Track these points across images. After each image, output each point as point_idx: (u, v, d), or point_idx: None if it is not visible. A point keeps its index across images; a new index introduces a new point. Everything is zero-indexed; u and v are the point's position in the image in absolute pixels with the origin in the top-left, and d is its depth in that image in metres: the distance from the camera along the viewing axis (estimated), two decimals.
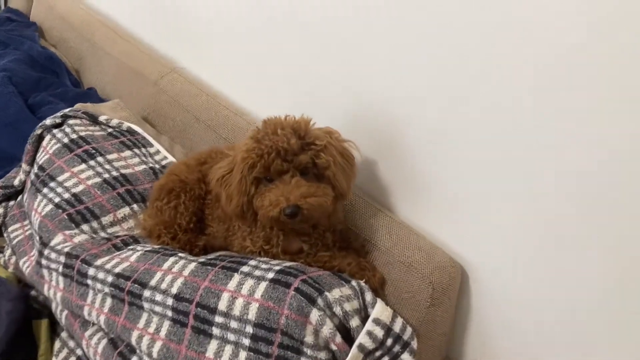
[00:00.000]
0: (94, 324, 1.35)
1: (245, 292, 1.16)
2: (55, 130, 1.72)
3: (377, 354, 1.16)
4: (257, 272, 1.19)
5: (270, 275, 1.18)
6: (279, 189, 1.17)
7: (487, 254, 1.27)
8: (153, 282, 1.25)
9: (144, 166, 1.70)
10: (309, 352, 1.11)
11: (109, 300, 1.31)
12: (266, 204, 1.18)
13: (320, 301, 1.13)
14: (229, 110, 1.79)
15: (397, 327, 1.19)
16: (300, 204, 1.15)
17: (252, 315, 1.13)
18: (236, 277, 1.19)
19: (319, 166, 1.21)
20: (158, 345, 1.20)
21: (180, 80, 1.98)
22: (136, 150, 1.74)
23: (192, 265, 1.26)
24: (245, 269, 1.21)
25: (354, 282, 1.22)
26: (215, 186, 1.33)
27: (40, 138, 1.75)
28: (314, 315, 1.11)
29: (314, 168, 1.22)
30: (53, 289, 1.41)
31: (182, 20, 2.04)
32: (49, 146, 1.68)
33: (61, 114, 1.77)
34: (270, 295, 1.14)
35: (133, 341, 1.23)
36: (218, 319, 1.16)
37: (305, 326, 1.11)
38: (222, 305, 1.16)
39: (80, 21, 2.48)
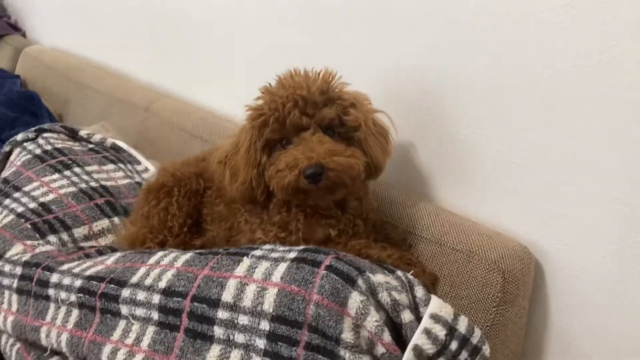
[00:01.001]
0: (53, 354, 1.02)
1: (259, 277, 0.86)
2: (26, 144, 1.47)
3: None
4: (274, 254, 0.90)
5: (292, 254, 0.88)
6: (298, 149, 0.92)
7: (570, 246, 0.99)
8: (135, 279, 0.95)
9: (128, 180, 1.43)
10: (347, 356, 0.78)
11: (74, 313, 0.99)
12: (282, 167, 0.91)
13: (361, 282, 0.83)
14: (227, 121, 1.56)
15: (462, 326, 0.87)
16: (325, 162, 0.89)
17: (268, 304, 0.82)
18: (246, 261, 0.89)
19: (347, 125, 0.97)
20: (137, 359, 0.87)
21: (172, 103, 1.79)
22: (121, 165, 1.49)
23: (187, 256, 0.96)
24: (257, 252, 0.92)
25: (399, 273, 0.92)
26: (217, 169, 1.06)
27: (9, 155, 1.49)
28: (354, 300, 0.81)
29: (341, 127, 0.97)
30: (3, 313, 1.09)
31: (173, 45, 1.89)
32: (17, 159, 1.43)
33: (35, 128, 1.53)
34: (293, 276, 0.83)
35: (103, 358, 0.90)
36: (222, 314, 0.85)
37: (342, 318, 0.80)
38: (227, 296, 0.85)
39: (65, 66, 2.32)
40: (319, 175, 0.89)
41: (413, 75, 1.14)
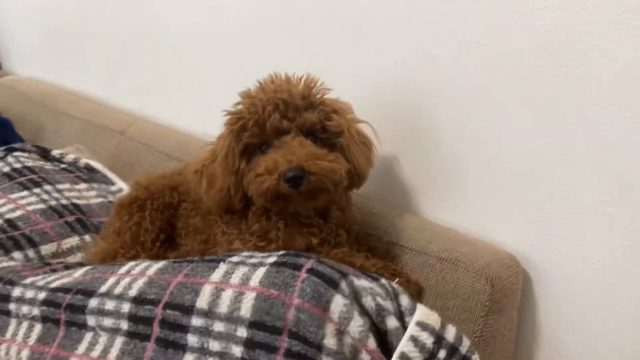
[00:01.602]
0: None
1: (236, 282, 0.81)
2: None
3: None
4: (253, 260, 0.85)
5: (272, 259, 0.83)
6: (278, 152, 0.88)
7: (559, 253, 0.96)
8: (103, 289, 0.89)
9: (101, 199, 1.38)
10: None
11: (37, 328, 0.93)
12: (261, 171, 0.88)
13: (344, 286, 0.78)
14: (204, 142, 1.52)
15: (450, 335, 0.82)
16: (306, 165, 0.85)
17: (245, 310, 0.77)
18: (222, 267, 0.84)
19: (330, 131, 0.94)
20: None
21: (149, 126, 1.75)
22: (94, 185, 1.44)
23: (160, 264, 0.91)
24: (235, 258, 0.87)
25: (384, 281, 0.88)
26: (193, 178, 1.03)
27: None
28: (337, 304, 0.76)
29: (323, 133, 0.94)
30: None
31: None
32: None
33: (5, 147, 1.48)
34: (273, 280, 0.79)
35: None
36: (196, 322, 0.79)
37: (324, 323, 0.75)
38: (201, 302, 0.80)
39: (41, 94, 2.27)
40: (300, 179, 0.85)
41: (395, 86, 1.13)
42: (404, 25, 1.09)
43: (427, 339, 0.79)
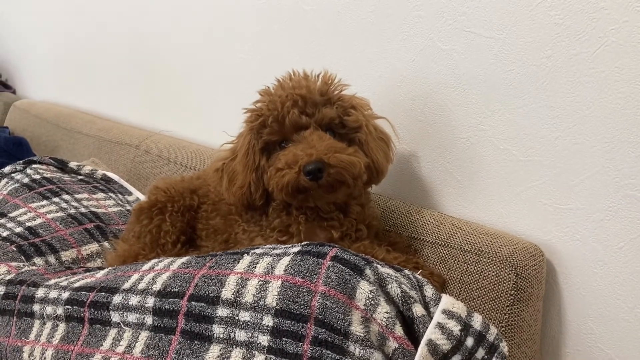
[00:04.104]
0: None
1: (260, 271, 0.81)
2: (14, 174, 1.42)
3: (455, 359, 0.78)
4: (276, 251, 0.85)
5: (296, 249, 0.83)
6: (298, 146, 0.89)
7: (582, 242, 0.95)
8: (127, 285, 0.89)
9: (119, 208, 1.39)
10: (357, 351, 0.73)
11: (61, 327, 0.92)
12: (281, 165, 0.88)
13: (369, 272, 0.78)
14: (222, 152, 1.53)
15: (476, 323, 0.81)
16: (326, 157, 0.86)
17: (271, 298, 0.77)
18: (247, 258, 0.84)
19: (348, 126, 0.95)
20: None
21: (164, 139, 1.76)
22: (111, 195, 1.44)
23: (184, 259, 0.91)
24: (258, 250, 0.87)
25: (407, 272, 0.88)
26: (214, 176, 1.03)
27: None
28: (363, 291, 0.76)
29: (342, 128, 0.95)
30: None
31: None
32: (4, 188, 1.38)
33: (24, 160, 1.49)
34: (297, 268, 0.78)
35: None
36: (221, 312, 0.79)
37: (350, 309, 0.75)
38: (226, 292, 0.80)
39: (55, 115, 2.31)
40: (320, 171, 0.86)
41: (409, 82, 1.14)
42: (416, 21, 1.10)
43: (454, 327, 0.78)
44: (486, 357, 0.80)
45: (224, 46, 1.60)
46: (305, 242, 0.85)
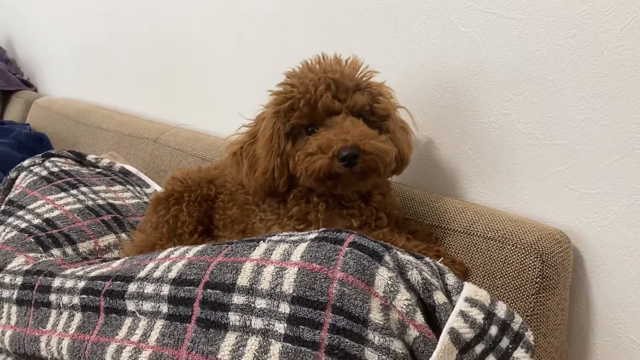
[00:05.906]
0: None
1: (277, 258, 0.79)
2: (32, 167, 1.43)
3: (478, 348, 0.75)
4: (293, 238, 0.83)
5: (312, 235, 0.81)
6: (331, 131, 0.87)
7: (611, 229, 0.91)
8: (142, 274, 0.88)
9: (137, 200, 1.38)
10: (376, 339, 0.70)
11: (77, 317, 0.92)
12: (313, 150, 0.86)
13: (388, 258, 0.76)
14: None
15: (500, 312, 0.79)
16: (362, 144, 0.84)
17: (288, 285, 0.75)
18: (263, 245, 0.82)
19: (378, 114, 0.93)
20: (145, 356, 0.79)
21: (182, 132, 1.75)
22: (129, 187, 1.44)
23: (199, 247, 0.89)
24: (275, 237, 0.85)
25: (428, 259, 0.85)
26: (231, 161, 1.01)
27: (14, 180, 1.45)
28: (382, 277, 0.73)
29: (371, 115, 0.93)
30: (1, 328, 1.01)
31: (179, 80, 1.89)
32: (23, 181, 1.38)
33: (42, 153, 1.49)
34: (314, 254, 0.76)
35: (107, 359, 0.82)
36: (237, 299, 0.77)
37: (368, 296, 0.72)
38: (242, 279, 0.78)
39: (75, 111, 2.32)
40: (355, 157, 0.83)
41: (429, 67, 1.11)
42: (435, 3, 1.07)
43: (478, 315, 0.76)
44: (511, 346, 0.77)
45: (240, 38, 1.59)
46: (322, 229, 0.83)
